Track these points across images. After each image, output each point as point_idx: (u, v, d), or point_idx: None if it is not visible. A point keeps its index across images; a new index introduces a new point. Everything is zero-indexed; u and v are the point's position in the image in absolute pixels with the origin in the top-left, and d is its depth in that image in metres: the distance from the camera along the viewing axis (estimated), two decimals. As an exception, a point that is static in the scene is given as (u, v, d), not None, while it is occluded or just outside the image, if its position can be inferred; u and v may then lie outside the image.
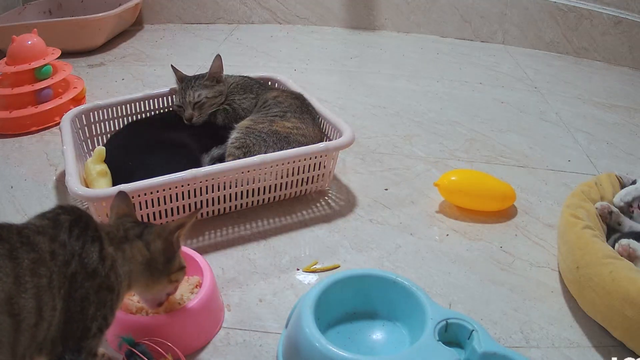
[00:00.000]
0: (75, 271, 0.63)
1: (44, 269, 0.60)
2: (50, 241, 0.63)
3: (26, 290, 0.58)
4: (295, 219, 1.17)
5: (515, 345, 0.88)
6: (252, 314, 0.93)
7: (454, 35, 2.33)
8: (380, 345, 0.85)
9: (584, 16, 2.12)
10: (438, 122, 1.60)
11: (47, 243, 0.62)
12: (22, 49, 1.50)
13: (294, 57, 2.06)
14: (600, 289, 0.86)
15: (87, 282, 0.64)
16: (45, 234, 0.63)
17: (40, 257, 0.61)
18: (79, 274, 0.63)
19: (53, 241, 0.63)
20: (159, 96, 1.37)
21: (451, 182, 1.19)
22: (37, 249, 0.61)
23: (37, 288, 0.59)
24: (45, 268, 0.61)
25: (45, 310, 0.60)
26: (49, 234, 0.63)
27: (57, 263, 0.62)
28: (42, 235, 0.63)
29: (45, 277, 0.60)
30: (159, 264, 0.74)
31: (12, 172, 1.32)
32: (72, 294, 0.63)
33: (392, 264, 1.05)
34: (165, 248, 0.74)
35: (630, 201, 1.06)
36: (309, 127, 1.24)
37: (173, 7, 2.40)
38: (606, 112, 1.72)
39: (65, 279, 0.62)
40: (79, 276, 0.63)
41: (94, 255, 0.65)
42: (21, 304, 0.57)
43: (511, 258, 1.08)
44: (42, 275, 0.60)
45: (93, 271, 0.65)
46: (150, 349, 0.77)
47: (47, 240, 0.63)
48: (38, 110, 1.49)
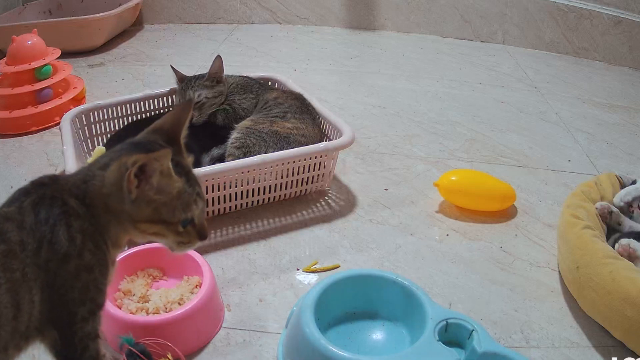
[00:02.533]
0: (48, 258, 0.59)
1: (16, 262, 0.57)
2: (18, 229, 0.58)
3: (0, 285, 0.55)
4: (295, 219, 1.17)
5: (515, 345, 0.88)
6: (252, 314, 0.93)
7: (454, 35, 2.33)
8: (380, 345, 0.85)
9: (584, 16, 2.12)
10: (438, 122, 1.60)
11: (15, 231, 0.58)
12: (22, 49, 1.50)
13: (294, 57, 2.06)
14: (600, 289, 0.86)
15: (61, 269, 0.59)
16: (13, 220, 0.58)
17: (11, 250, 0.57)
18: (51, 261, 0.59)
19: (21, 229, 0.58)
20: (159, 96, 1.37)
21: (451, 182, 1.19)
22: (6, 240, 0.57)
23: (10, 282, 0.56)
24: (17, 261, 0.57)
25: (22, 303, 0.57)
26: (17, 220, 0.59)
27: (27, 254, 0.58)
28: (10, 222, 0.58)
29: (18, 271, 0.57)
30: (114, 201, 0.62)
31: (12, 172, 1.32)
32: (50, 282, 0.59)
33: (392, 264, 1.05)
34: (116, 180, 0.61)
35: (630, 201, 1.06)
36: (309, 127, 1.24)
37: (173, 7, 2.40)
38: (606, 112, 1.72)
39: (39, 270, 0.58)
40: (52, 263, 0.59)
41: (61, 237, 0.59)
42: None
43: (511, 258, 1.08)
44: (15, 270, 0.56)
45: (64, 256, 0.59)
46: (150, 349, 0.77)
47: (14, 227, 0.58)
48: (38, 110, 1.49)
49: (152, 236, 0.67)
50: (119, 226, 0.65)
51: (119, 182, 0.61)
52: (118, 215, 0.64)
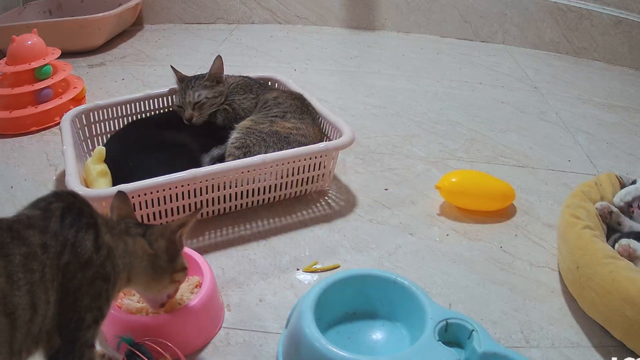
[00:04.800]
0: (68, 261, 0.62)
1: (35, 263, 0.59)
2: (40, 233, 0.61)
3: (19, 287, 0.57)
4: (295, 219, 1.17)
5: (515, 345, 0.88)
6: (252, 314, 0.93)
7: (454, 35, 2.33)
8: (380, 345, 0.85)
9: (584, 16, 2.12)
10: (438, 122, 1.60)
11: (37, 236, 0.61)
12: (22, 49, 1.50)
13: (294, 57, 2.06)
14: (600, 289, 0.86)
15: (80, 273, 0.62)
16: (36, 226, 0.62)
17: (32, 252, 0.59)
18: (71, 264, 0.62)
19: (44, 233, 0.61)
20: (159, 96, 1.37)
21: (452, 184, 1.19)
22: (27, 243, 0.59)
23: (30, 284, 0.58)
24: (37, 262, 0.59)
25: (39, 304, 0.59)
26: (39, 226, 0.62)
27: (49, 255, 0.61)
28: (32, 229, 0.61)
29: (38, 272, 0.59)
30: (162, 261, 0.74)
31: (12, 172, 1.32)
32: (66, 284, 0.62)
33: (392, 264, 1.05)
34: (168, 247, 0.75)
35: (630, 201, 1.06)
36: (309, 127, 1.24)
37: (173, 7, 2.40)
38: (606, 112, 1.72)
39: (58, 271, 0.61)
40: (72, 266, 0.62)
41: (87, 243, 0.63)
42: (15, 302, 0.57)
43: (511, 258, 1.08)
44: (35, 270, 0.59)
45: (87, 261, 0.63)
46: (150, 349, 0.77)
47: (37, 233, 0.61)
48: (38, 110, 1.49)
49: (176, 285, 0.80)
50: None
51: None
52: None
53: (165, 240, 0.74)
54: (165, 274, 0.75)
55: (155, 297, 0.79)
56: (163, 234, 0.74)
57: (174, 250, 0.76)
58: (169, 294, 0.80)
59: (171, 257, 0.75)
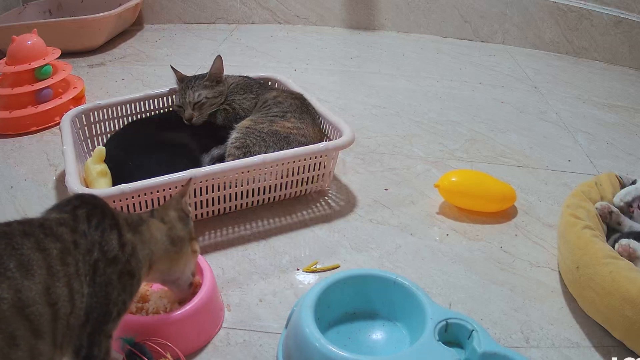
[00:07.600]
0: (97, 259, 0.66)
1: (70, 257, 0.63)
2: (71, 232, 0.65)
3: (59, 279, 0.61)
4: (295, 219, 1.17)
5: (515, 345, 0.88)
6: (252, 314, 0.93)
7: (454, 35, 2.33)
8: (380, 345, 0.85)
9: (584, 16, 2.12)
10: (438, 122, 1.60)
11: (69, 234, 0.65)
12: (22, 49, 1.50)
13: (294, 57, 2.06)
14: (600, 289, 0.86)
15: (109, 269, 0.67)
16: (67, 225, 0.65)
17: (66, 247, 0.63)
18: (100, 261, 0.66)
19: (74, 232, 0.65)
20: (159, 96, 1.37)
21: (451, 184, 1.19)
22: (61, 239, 0.63)
23: (67, 276, 0.62)
24: (71, 257, 0.63)
25: (76, 297, 0.63)
26: (70, 225, 0.66)
27: (80, 251, 0.65)
28: (64, 227, 0.65)
29: (73, 266, 0.63)
30: (178, 230, 0.79)
31: (12, 172, 1.32)
32: (96, 279, 0.66)
33: (392, 264, 1.05)
34: (179, 215, 0.80)
35: (630, 201, 1.06)
36: (309, 127, 1.24)
37: (173, 7, 2.40)
38: (606, 112, 1.72)
39: (89, 267, 0.65)
40: (101, 263, 0.66)
41: (113, 242, 0.68)
42: (57, 293, 0.60)
43: (511, 258, 1.08)
44: (70, 264, 0.63)
45: (114, 258, 0.68)
46: (150, 349, 0.77)
47: (68, 231, 0.65)
48: (38, 110, 1.49)
49: (195, 255, 0.85)
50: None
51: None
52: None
53: (174, 210, 0.80)
54: (184, 243, 0.80)
55: (181, 278, 0.82)
56: (169, 206, 0.81)
57: (185, 216, 0.81)
58: (192, 272, 0.84)
59: (185, 223, 0.81)
